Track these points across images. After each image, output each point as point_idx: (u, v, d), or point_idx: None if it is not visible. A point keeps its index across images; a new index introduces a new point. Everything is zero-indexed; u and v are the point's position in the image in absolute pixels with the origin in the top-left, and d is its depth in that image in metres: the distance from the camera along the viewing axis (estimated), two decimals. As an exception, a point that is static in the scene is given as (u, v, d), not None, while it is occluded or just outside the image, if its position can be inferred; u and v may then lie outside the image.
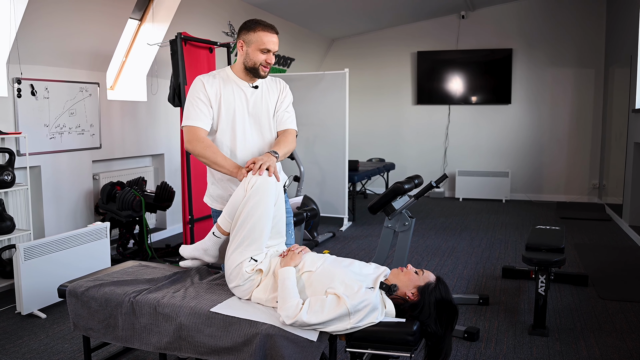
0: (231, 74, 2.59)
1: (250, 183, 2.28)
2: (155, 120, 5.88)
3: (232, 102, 2.55)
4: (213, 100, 2.53)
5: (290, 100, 2.73)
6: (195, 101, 2.52)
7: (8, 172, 3.95)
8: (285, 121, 2.68)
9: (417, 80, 8.97)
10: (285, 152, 2.57)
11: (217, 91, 2.54)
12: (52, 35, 4.38)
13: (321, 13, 7.57)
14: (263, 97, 2.62)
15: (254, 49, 2.49)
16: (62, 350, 3.19)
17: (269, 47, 2.50)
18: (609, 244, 5.75)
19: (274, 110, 2.65)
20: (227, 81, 2.57)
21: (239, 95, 2.57)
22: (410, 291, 2.21)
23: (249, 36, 2.49)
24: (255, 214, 2.25)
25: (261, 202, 2.26)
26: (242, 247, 2.27)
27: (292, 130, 2.69)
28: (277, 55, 7.72)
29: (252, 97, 2.59)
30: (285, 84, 2.74)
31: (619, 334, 3.39)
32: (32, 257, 3.62)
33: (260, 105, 2.60)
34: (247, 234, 2.26)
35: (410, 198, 3.76)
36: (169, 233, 6.13)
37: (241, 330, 2.12)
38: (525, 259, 3.44)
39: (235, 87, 2.57)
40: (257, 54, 2.49)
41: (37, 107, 4.42)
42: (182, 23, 5.56)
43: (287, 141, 2.62)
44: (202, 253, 2.50)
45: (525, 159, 8.64)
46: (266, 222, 2.29)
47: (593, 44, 8.16)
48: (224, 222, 2.40)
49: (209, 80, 2.55)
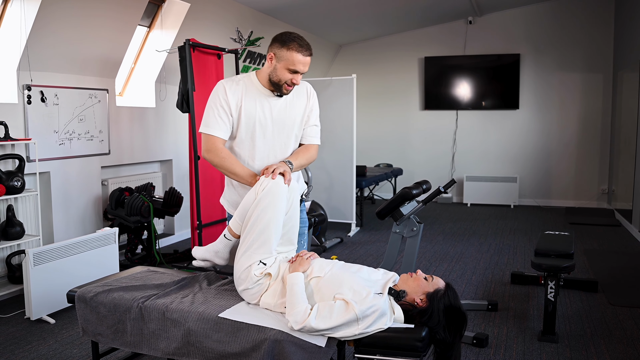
0: (256, 81, 2.49)
1: (262, 186, 2.28)
2: (164, 126, 5.91)
3: (253, 110, 2.47)
4: (234, 108, 2.45)
5: (317, 111, 2.64)
6: (216, 108, 2.44)
7: (18, 178, 3.98)
8: (310, 136, 2.62)
9: (424, 86, 8.96)
10: (302, 163, 2.54)
11: (239, 99, 2.45)
12: (61, 42, 4.42)
13: (328, 19, 7.59)
14: (288, 106, 2.53)
15: (282, 66, 2.37)
16: (71, 355, 3.20)
17: (297, 68, 2.37)
18: (618, 249, 5.71)
19: (300, 119, 2.57)
20: (251, 88, 2.48)
21: (261, 103, 2.48)
22: (419, 297, 2.20)
23: (282, 52, 2.37)
24: (265, 217, 2.25)
25: (271, 205, 2.25)
26: (251, 250, 2.26)
27: (315, 146, 2.64)
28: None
29: (276, 106, 2.50)
30: (313, 90, 2.64)
31: (629, 341, 3.36)
32: (41, 262, 3.64)
33: (284, 114, 2.51)
34: (256, 236, 2.25)
35: (418, 203, 3.75)
36: (177, 239, 6.15)
37: (249, 336, 2.12)
38: (534, 264, 3.41)
39: (258, 95, 2.48)
40: (285, 72, 2.38)
41: (46, 114, 4.45)
42: (190, 30, 5.59)
43: (305, 154, 2.57)
44: (213, 255, 2.49)
45: (534, 164, 8.60)
46: (276, 226, 2.28)
47: (601, 48, 8.12)
48: (235, 225, 2.39)
49: (232, 87, 2.46)
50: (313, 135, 2.63)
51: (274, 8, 6.64)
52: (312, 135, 2.63)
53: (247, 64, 7.07)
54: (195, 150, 4.72)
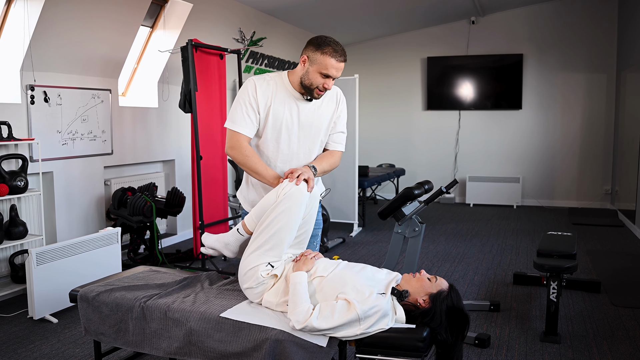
0: (287, 82, 2.44)
1: (284, 190, 2.24)
2: (166, 127, 5.92)
3: (281, 112, 2.43)
4: (262, 107, 2.41)
5: (345, 118, 2.61)
6: (244, 105, 2.41)
7: (21, 177, 3.99)
8: (335, 142, 2.60)
9: (427, 86, 8.95)
10: (325, 169, 2.51)
11: (268, 98, 2.42)
12: (64, 42, 4.43)
13: (331, 19, 7.60)
14: (316, 110, 2.49)
15: (315, 70, 2.33)
16: (73, 355, 3.21)
17: (331, 73, 2.32)
18: (621, 250, 5.70)
19: (327, 124, 2.53)
20: (281, 89, 2.44)
21: (290, 106, 2.44)
22: (422, 298, 2.20)
23: (316, 56, 2.32)
24: (281, 221, 2.22)
25: (289, 211, 2.22)
26: (261, 251, 2.24)
27: (340, 153, 2.62)
28: (287, 61, 7.77)
29: (304, 110, 2.46)
30: (343, 96, 2.59)
31: (632, 342, 3.35)
32: (44, 262, 3.65)
33: (312, 118, 2.48)
34: (268, 238, 2.23)
35: (420, 204, 3.74)
36: (179, 238, 6.16)
37: (251, 336, 2.12)
38: (536, 265, 3.41)
39: (287, 97, 2.44)
40: (317, 77, 2.34)
41: (49, 114, 4.46)
42: (193, 30, 5.60)
43: (329, 160, 2.55)
44: (223, 246, 2.47)
45: (537, 164, 8.59)
46: (290, 232, 2.25)
47: (604, 48, 8.11)
48: (250, 222, 2.36)
49: (262, 85, 2.42)
50: (338, 141, 2.60)
51: (277, 8, 6.65)
52: (338, 142, 2.60)
53: (249, 64, 7.08)
54: (198, 151, 4.73)
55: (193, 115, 4.72)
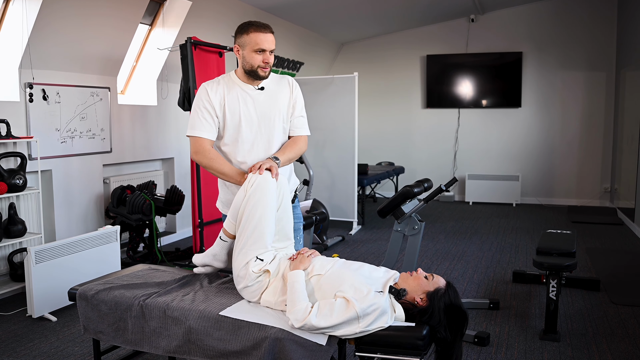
0: (235, 78, 2.55)
1: (250, 182, 2.30)
2: (166, 125, 5.91)
3: (237, 107, 2.50)
4: (217, 107, 2.49)
5: (301, 102, 2.67)
6: (200, 110, 2.49)
7: (20, 176, 3.99)
8: (298, 127, 2.64)
9: (426, 84, 8.95)
10: (290, 157, 2.55)
11: (221, 98, 2.50)
12: (63, 40, 4.42)
13: (330, 17, 7.58)
14: (271, 98, 2.56)
15: (249, 51, 2.44)
16: (72, 353, 3.21)
17: (263, 46, 2.43)
18: (621, 248, 5.70)
19: (285, 110, 2.59)
20: (232, 86, 2.53)
21: (244, 100, 2.52)
22: (419, 296, 2.19)
23: (243, 39, 2.45)
24: (256, 212, 2.26)
25: (261, 201, 2.27)
26: (247, 247, 2.28)
27: (304, 137, 2.66)
28: (286, 59, 7.75)
29: (259, 99, 2.54)
30: (295, 81, 2.67)
31: (631, 340, 3.35)
32: (43, 260, 3.65)
33: (268, 107, 2.55)
34: (250, 233, 2.27)
35: (419, 202, 3.74)
36: (178, 237, 6.15)
37: (250, 334, 2.12)
38: (536, 263, 3.41)
39: (240, 91, 2.52)
40: (253, 56, 2.44)
41: (48, 112, 4.45)
42: (192, 28, 5.59)
43: (293, 147, 2.59)
44: (212, 259, 2.51)
45: (536, 162, 8.59)
46: (268, 221, 2.29)
47: (604, 47, 8.10)
48: (229, 225, 2.41)
49: (213, 87, 2.51)
50: (299, 126, 2.65)
51: (276, 6, 6.63)
52: (299, 127, 2.65)
53: (248, 62, 7.06)
54: (197, 149, 4.72)
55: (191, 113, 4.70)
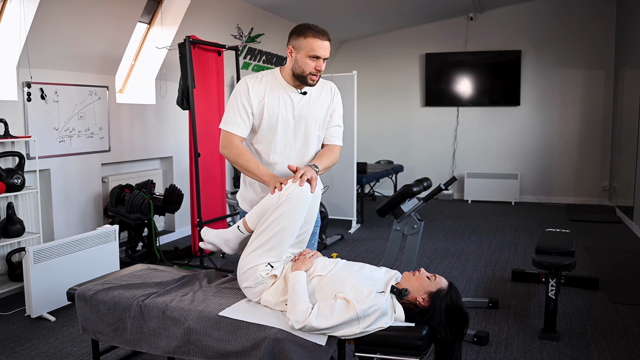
0: (280, 78, 2.48)
1: (287, 191, 2.23)
2: (164, 123, 5.90)
3: (276, 108, 2.45)
4: (255, 105, 2.44)
5: (341, 110, 2.62)
6: (237, 105, 2.44)
7: (18, 175, 3.98)
8: (334, 136, 2.60)
9: (425, 82, 8.94)
10: (327, 166, 2.52)
11: (261, 96, 2.44)
12: (61, 39, 4.40)
13: (329, 15, 7.57)
14: (312, 104, 2.50)
15: (303, 55, 2.37)
16: (71, 353, 3.20)
17: (318, 53, 2.36)
18: (619, 246, 5.70)
19: (324, 117, 2.55)
20: (275, 85, 2.47)
21: (284, 102, 2.46)
22: (421, 296, 2.19)
23: (299, 42, 2.38)
24: (283, 222, 2.21)
25: (292, 213, 2.21)
26: (261, 251, 2.23)
27: (338, 147, 2.63)
28: (285, 57, 7.74)
29: (299, 103, 2.48)
30: (337, 89, 2.61)
31: (630, 339, 3.35)
32: (41, 260, 3.64)
33: (307, 112, 2.49)
34: (269, 239, 2.22)
35: (419, 201, 3.74)
36: (177, 236, 6.14)
37: (249, 335, 2.11)
38: (535, 262, 3.41)
39: (282, 92, 2.46)
40: (306, 61, 2.37)
41: (46, 111, 4.44)
42: (190, 26, 5.58)
43: (329, 156, 2.55)
44: (222, 242, 2.46)
45: (535, 160, 8.59)
46: (291, 233, 2.25)
47: (603, 45, 8.10)
48: (251, 220, 2.35)
49: (254, 84, 2.45)
50: (336, 135, 2.61)
51: (275, 4, 6.62)
52: (335, 136, 2.61)
53: (247, 60, 7.05)
54: (196, 148, 4.72)
55: (191, 112, 4.70)
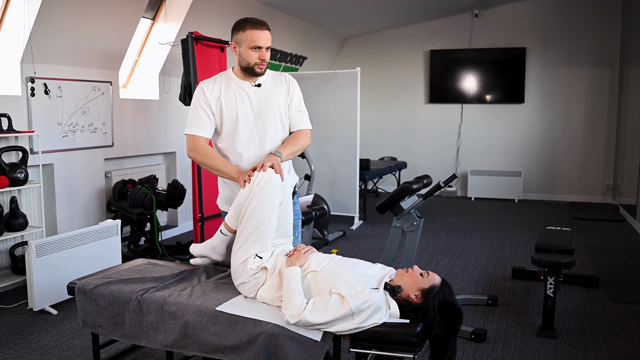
0: (232, 75, 2.58)
1: (257, 180, 2.31)
2: (167, 119, 5.92)
3: (233, 104, 2.54)
4: (214, 105, 2.53)
5: (299, 97, 2.68)
6: (196, 109, 2.54)
7: (21, 170, 4.01)
8: (297, 122, 2.66)
9: (429, 79, 8.93)
10: (293, 151, 2.57)
11: (218, 96, 2.54)
12: (65, 34, 4.43)
13: (334, 12, 7.57)
14: (268, 95, 2.59)
15: (245, 48, 2.47)
16: (72, 346, 3.24)
17: (259, 43, 2.46)
18: (621, 245, 5.69)
19: (283, 107, 2.61)
20: (229, 84, 2.56)
21: (241, 97, 2.55)
22: (414, 293, 2.20)
23: (239, 36, 2.48)
24: (260, 211, 2.28)
25: (266, 200, 2.28)
26: (247, 244, 2.29)
27: (306, 130, 2.67)
28: (289, 53, 7.74)
29: (255, 96, 2.57)
30: (292, 78, 2.68)
31: (628, 338, 3.36)
32: (44, 254, 3.68)
33: (265, 103, 2.57)
34: (251, 230, 2.29)
35: (418, 198, 3.75)
36: (180, 230, 6.18)
37: (246, 329, 2.14)
38: (534, 260, 3.41)
39: (237, 88, 2.56)
40: (249, 53, 2.47)
41: (50, 106, 4.47)
42: (194, 22, 5.59)
43: (295, 141, 2.60)
44: (210, 251, 2.53)
45: (539, 158, 8.57)
46: (271, 220, 2.31)
47: (608, 42, 8.06)
48: (231, 220, 2.43)
49: (209, 86, 2.56)
50: (299, 120, 2.67)
51: (279, 1, 6.62)
52: (299, 121, 2.67)
53: (251, 56, 7.05)
54: (198, 143, 4.73)
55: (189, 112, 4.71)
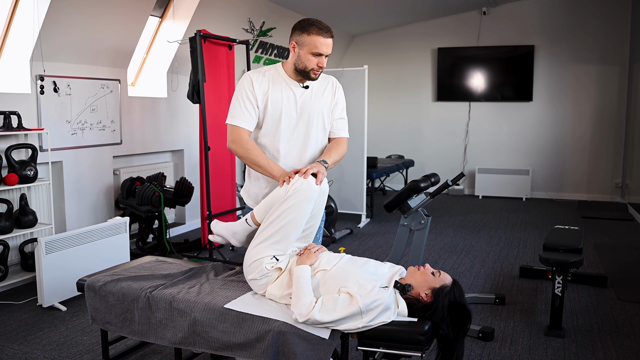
0: (282, 72, 2.52)
1: (294, 185, 2.26)
2: (175, 117, 5.94)
3: (279, 102, 2.49)
4: (260, 99, 2.48)
5: (344, 103, 2.66)
6: (242, 99, 2.48)
7: (31, 167, 4.04)
8: (339, 129, 2.64)
9: (437, 77, 8.90)
10: (336, 160, 2.55)
11: (265, 90, 2.48)
12: (74, 32, 4.45)
13: (341, 9, 7.56)
14: (314, 97, 2.55)
15: (306, 52, 2.41)
16: (81, 342, 3.26)
17: (321, 50, 2.40)
18: (630, 244, 5.66)
19: (327, 110, 2.59)
20: (277, 80, 2.51)
21: (287, 95, 2.50)
22: (425, 292, 2.20)
23: (302, 38, 2.41)
24: (289, 215, 2.25)
25: (298, 206, 2.25)
26: (267, 244, 2.27)
27: (345, 139, 2.66)
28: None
29: (301, 97, 2.52)
30: (338, 83, 2.66)
31: (637, 337, 3.34)
32: (53, 250, 3.70)
33: (310, 105, 2.53)
34: (275, 232, 2.26)
35: (426, 196, 3.75)
36: (187, 228, 6.20)
37: (254, 327, 2.15)
38: (542, 259, 3.40)
39: (284, 86, 2.51)
40: (309, 57, 2.41)
41: (59, 104, 4.50)
42: (202, 20, 5.60)
43: (337, 150, 2.59)
44: (231, 234, 2.51)
45: (547, 156, 8.53)
46: (297, 227, 2.28)
47: (617, 40, 8.00)
48: (259, 213, 2.40)
49: (258, 78, 2.49)
50: (340, 128, 2.65)
51: (286, -2, 6.62)
52: (340, 129, 2.65)
53: (258, 54, 7.07)
54: (206, 141, 4.75)
55: (201, 106, 4.73)
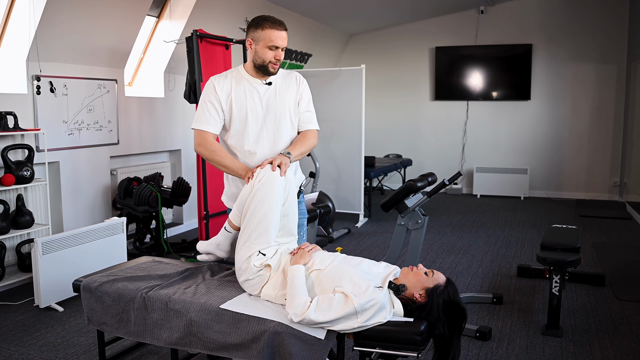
0: (243, 73, 2.58)
1: (258, 177, 2.32)
2: (173, 117, 5.93)
3: (243, 101, 2.54)
4: (224, 101, 2.53)
5: (309, 97, 2.69)
6: (205, 104, 2.53)
7: (27, 167, 4.03)
8: (306, 122, 2.67)
9: (435, 76, 8.90)
10: (302, 151, 2.58)
11: (228, 92, 2.53)
12: (70, 32, 4.44)
13: (339, 8, 7.55)
14: (278, 94, 2.59)
15: (262, 47, 2.46)
16: (77, 343, 3.25)
17: (276, 43, 2.46)
18: (628, 243, 5.66)
19: (293, 106, 2.62)
20: (240, 80, 2.56)
21: (251, 94, 2.55)
22: (419, 292, 2.20)
23: (257, 34, 2.47)
24: (262, 207, 2.28)
25: (268, 196, 2.29)
26: (250, 241, 2.30)
27: (313, 131, 2.68)
28: (294, 51, 7.74)
29: (265, 94, 2.57)
30: (302, 77, 2.70)
31: (634, 336, 3.34)
32: (50, 251, 3.70)
33: (275, 102, 2.57)
34: (254, 227, 2.29)
35: (423, 196, 3.74)
36: (185, 228, 6.19)
37: (250, 327, 2.14)
38: (539, 258, 3.40)
39: (247, 85, 2.55)
40: (266, 51, 2.46)
41: (55, 104, 4.49)
42: (199, 20, 5.59)
43: (303, 142, 2.61)
44: (215, 248, 2.55)
45: (545, 155, 8.53)
46: (273, 216, 2.31)
47: (615, 39, 8.00)
48: (235, 217, 2.44)
49: (220, 81, 2.55)
50: (307, 120, 2.67)
51: (283, -2, 6.62)
52: (307, 121, 2.67)
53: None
54: (203, 141, 4.74)
55: (198, 107, 4.72)
